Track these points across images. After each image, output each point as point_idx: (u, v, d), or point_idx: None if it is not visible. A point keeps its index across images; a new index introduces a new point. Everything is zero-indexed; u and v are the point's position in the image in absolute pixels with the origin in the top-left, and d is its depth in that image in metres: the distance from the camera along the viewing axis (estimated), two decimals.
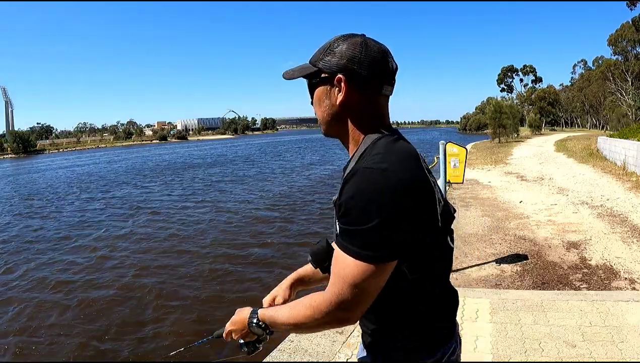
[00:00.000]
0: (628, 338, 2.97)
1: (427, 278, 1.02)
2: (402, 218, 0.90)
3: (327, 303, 0.97)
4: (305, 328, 1.05)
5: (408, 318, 1.04)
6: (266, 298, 1.32)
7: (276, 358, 2.98)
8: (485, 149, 25.56)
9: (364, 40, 1.02)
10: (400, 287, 0.99)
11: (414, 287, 1.00)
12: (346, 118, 1.04)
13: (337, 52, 1.01)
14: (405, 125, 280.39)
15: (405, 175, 0.92)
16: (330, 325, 1.03)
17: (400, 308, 1.03)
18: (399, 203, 0.89)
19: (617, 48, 45.63)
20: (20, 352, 4.75)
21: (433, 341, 1.07)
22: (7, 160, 57.67)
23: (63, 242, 9.36)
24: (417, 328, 1.05)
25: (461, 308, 3.63)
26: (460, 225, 6.73)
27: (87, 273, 7.09)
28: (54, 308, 5.78)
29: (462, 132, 76.07)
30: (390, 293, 0.99)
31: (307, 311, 1.01)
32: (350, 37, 1.03)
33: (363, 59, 0.99)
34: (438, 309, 1.07)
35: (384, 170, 0.91)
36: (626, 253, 4.95)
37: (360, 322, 1.10)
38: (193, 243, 8.59)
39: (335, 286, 0.96)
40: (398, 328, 1.05)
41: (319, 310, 0.98)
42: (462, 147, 4.99)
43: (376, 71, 1.00)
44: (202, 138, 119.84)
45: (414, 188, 0.93)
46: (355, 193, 0.91)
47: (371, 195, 0.89)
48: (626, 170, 11.76)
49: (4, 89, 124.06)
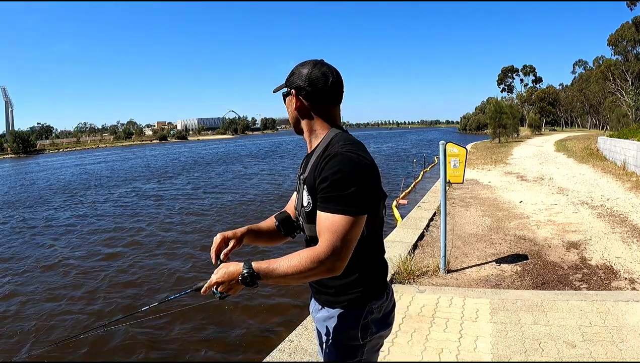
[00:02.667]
0: (628, 338, 2.97)
1: (375, 237, 1.44)
2: (369, 187, 1.30)
3: (324, 253, 1.24)
4: (299, 277, 1.26)
5: (364, 269, 1.41)
6: (217, 237, 1.51)
7: (276, 358, 2.98)
8: (485, 149, 25.55)
9: (314, 65, 1.41)
10: (359, 245, 1.31)
11: (367, 245, 1.39)
12: (303, 120, 1.46)
13: (295, 73, 1.43)
14: (405, 125, 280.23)
15: (370, 160, 1.34)
16: (321, 274, 1.27)
17: (359, 261, 1.37)
18: (368, 178, 1.30)
19: (617, 48, 45.61)
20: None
21: (378, 289, 1.45)
22: (7, 160, 57.59)
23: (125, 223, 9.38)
24: (370, 277, 1.43)
25: (461, 308, 3.63)
26: (460, 225, 6.73)
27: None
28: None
29: (462, 132, 76.04)
30: (355, 250, 1.30)
31: (305, 261, 1.24)
32: (305, 63, 1.44)
33: (308, 79, 1.39)
34: (381, 263, 1.49)
35: (359, 156, 1.31)
36: (626, 253, 4.95)
37: (320, 285, 1.45)
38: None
39: (329, 240, 1.25)
40: (356, 280, 1.40)
41: (318, 259, 1.23)
42: (462, 147, 4.98)
43: (318, 87, 1.39)
44: (202, 138, 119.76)
45: (375, 169, 1.35)
46: (340, 169, 1.26)
47: (352, 170, 1.27)
48: (626, 170, 11.76)
49: (4, 89, 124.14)
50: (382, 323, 1.46)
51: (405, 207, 10.12)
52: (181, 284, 6.37)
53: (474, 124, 71.41)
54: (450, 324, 3.33)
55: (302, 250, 1.29)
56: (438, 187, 9.76)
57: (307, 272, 1.24)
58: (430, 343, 3.06)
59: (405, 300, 3.83)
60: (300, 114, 1.45)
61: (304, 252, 1.27)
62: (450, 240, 5.73)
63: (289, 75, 1.46)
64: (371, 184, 1.31)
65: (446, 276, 4.51)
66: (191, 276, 6.72)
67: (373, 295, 1.43)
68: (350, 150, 1.30)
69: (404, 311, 3.59)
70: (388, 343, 3.07)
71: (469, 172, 13.07)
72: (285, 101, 1.48)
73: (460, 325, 3.32)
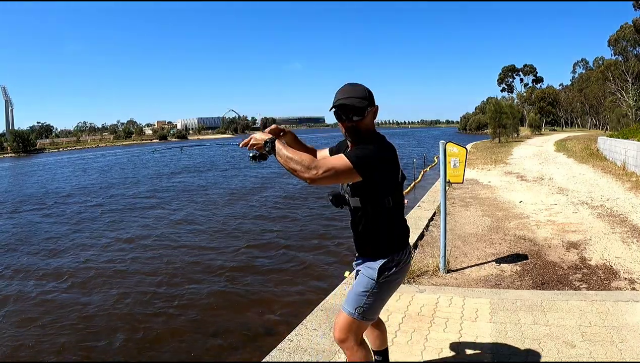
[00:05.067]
0: (628, 338, 2.97)
1: (397, 207, 2.01)
2: (378, 159, 1.85)
3: (317, 163, 1.77)
4: (293, 164, 1.76)
5: (390, 231, 2.01)
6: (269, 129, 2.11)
7: (276, 358, 2.97)
8: (485, 148, 25.55)
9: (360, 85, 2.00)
10: (386, 211, 1.98)
11: (392, 212, 2.00)
12: (370, 127, 1.97)
13: (368, 93, 1.97)
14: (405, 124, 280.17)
15: (387, 145, 1.94)
16: (301, 172, 1.75)
17: (386, 224, 2.00)
18: (379, 154, 1.87)
19: (617, 48, 45.55)
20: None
21: (399, 246, 2.04)
22: (7, 159, 57.57)
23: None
24: (394, 237, 2.03)
25: (461, 308, 3.63)
26: (460, 225, 6.73)
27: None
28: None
29: (462, 132, 76.03)
30: (383, 215, 1.98)
31: (303, 159, 1.77)
32: (359, 84, 1.97)
33: (370, 94, 1.97)
34: (403, 227, 2.09)
35: (380, 142, 1.93)
36: (626, 254, 4.95)
37: (360, 240, 2.06)
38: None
39: (327, 162, 1.79)
40: (385, 237, 2.00)
41: (309, 161, 1.76)
42: (462, 147, 4.97)
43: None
44: (202, 137, 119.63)
45: (389, 149, 1.92)
46: (365, 146, 1.87)
47: (371, 148, 1.87)
48: (626, 170, 11.76)
49: (4, 88, 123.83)
50: (396, 270, 2.02)
51: (405, 207, 10.12)
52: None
53: (474, 124, 71.42)
54: (450, 324, 3.33)
55: (308, 154, 1.81)
56: (438, 186, 9.76)
57: (299, 166, 1.75)
58: (430, 343, 3.06)
59: (405, 299, 3.83)
60: (370, 124, 1.94)
61: (308, 155, 1.79)
62: (450, 240, 5.74)
63: (368, 95, 1.92)
64: (381, 161, 1.86)
65: (446, 276, 4.51)
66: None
67: (395, 249, 2.01)
68: (381, 142, 1.92)
69: (403, 311, 3.59)
70: (387, 343, 3.06)
71: (469, 172, 13.07)
72: (367, 116, 1.90)
73: (460, 325, 3.32)
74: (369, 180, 1.84)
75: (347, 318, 2.01)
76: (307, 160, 1.76)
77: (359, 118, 1.88)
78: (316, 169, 1.74)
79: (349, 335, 2.01)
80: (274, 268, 6.88)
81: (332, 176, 1.76)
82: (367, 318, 2.02)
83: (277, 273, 6.61)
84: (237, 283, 6.29)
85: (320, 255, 7.42)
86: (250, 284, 6.23)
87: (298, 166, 1.75)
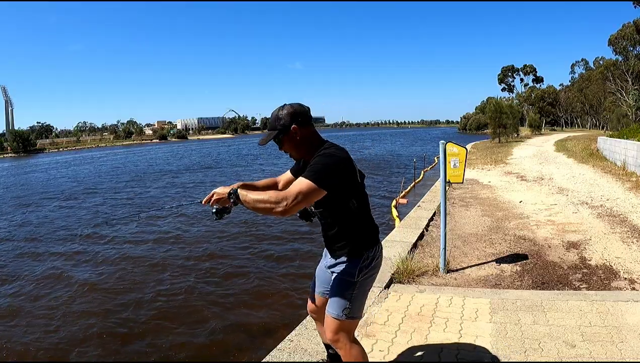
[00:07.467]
0: (628, 338, 2.97)
1: (362, 208, 2.08)
2: (336, 172, 1.89)
3: (283, 195, 1.78)
4: (262, 206, 1.79)
5: (359, 230, 2.09)
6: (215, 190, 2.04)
7: (276, 358, 2.97)
8: (485, 148, 25.54)
9: (286, 105, 2.02)
10: (353, 213, 2.04)
11: (358, 213, 2.06)
12: (304, 144, 2.04)
13: (281, 117, 2.00)
14: (405, 124, 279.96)
15: (342, 156, 1.95)
16: (272, 209, 1.77)
17: (355, 225, 2.07)
18: (336, 166, 1.90)
19: (618, 48, 45.56)
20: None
21: (370, 243, 2.11)
22: (7, 159, 57.55)
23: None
24: (364, 236, 2.10)
25: (461, 308, 3.63)
26: (460, 225, 6.73)
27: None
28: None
29: (462, 132, 76.00)
30: (350, 218, 2.05)
31: (269, 196, 1.80)
32: (280, 108, 2.01)
33: (294, 113, 2.00)
34: (371, 225, 2.15)
35: (332, 153, 1.94)
36: (626, 253, 4.94)
37: (332, 243, 2.14)
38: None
39: (292, 190, 1.79)
40: (356, 237, 2.08)
41: (275, 196, 1.79)
42: (462, 147, 4.97)
43: (305, 114, 2.03)
44: (202, 137, 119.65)
45: (345, 161, 1.94)
46: (319, 160, 1.89)
47: (325, 160, 1.90)
48: (626, 170, 11.76)
49: (4, 88, 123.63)
50: (371, 266, 2.11)
51: (405, 207, 10.12)
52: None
53: (474, 124, 71.38)
54: (450, 324, 3.33)
55: (271, 190, 1.94)
56: (438, 186, 9.77)
57: (268, 204, 1.78)
58: (430, 343, 3.06)
59: (405, 299, 3.83)
60: (302, 140, 1.99)
61: (271, 191, 1.85)
62: (450, 240, 5.74)
63: (275, 122, 1.98)
64: (337, 169, 1.89)
65: (446, 276, 4.51)
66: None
67: (367, 247, 2.09)
68: (330, 150, 1.95)
69: (403, 311, 3.59)
70: (387, 343, 3.07)
71: (469, 172, 13.07)
72: (284, 143, 2.00)
73: (460, 325, 3.31)
74: (333, 191, 1.89)
75: (335, 322, 2.09)
76: (273, 195, 1.79)
77: (285, 135, 1.99)
78: (285, 199, 1.77)
79: (340, 336, 2.10)
80: (274, 268, 6.88)
81: (302, 201, 1.79)
82: (355, 317, 2.12)
83: (277, 274, 6.61)
84: (237, 284, 6.29)
85: (320, 255, 7.41)
86: (250, 285, 6.23)
87: (267, 204, 1.78)
